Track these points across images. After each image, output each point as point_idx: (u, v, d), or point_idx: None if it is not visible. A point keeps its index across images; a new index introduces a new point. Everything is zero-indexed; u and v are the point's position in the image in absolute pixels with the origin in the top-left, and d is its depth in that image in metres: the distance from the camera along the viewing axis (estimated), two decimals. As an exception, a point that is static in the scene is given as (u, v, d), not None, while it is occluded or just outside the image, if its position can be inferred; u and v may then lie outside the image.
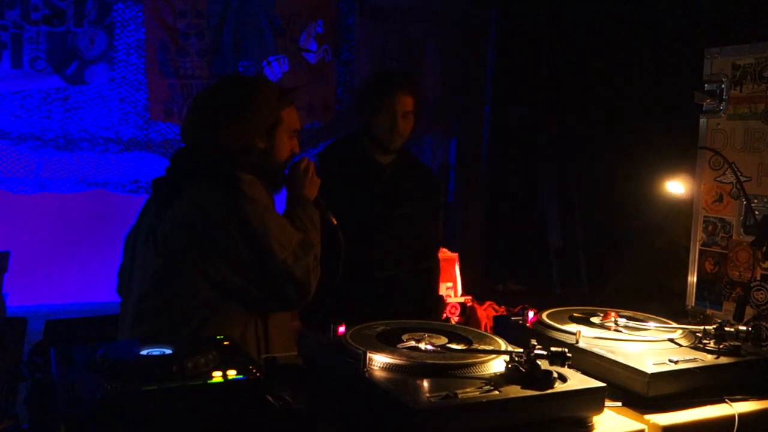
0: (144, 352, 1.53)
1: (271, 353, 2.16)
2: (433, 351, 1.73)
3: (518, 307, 2.24)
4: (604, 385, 1.62)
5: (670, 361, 1.77)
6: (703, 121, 2.56)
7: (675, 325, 2.08)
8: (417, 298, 2.97)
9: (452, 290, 4.71)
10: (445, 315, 4.25)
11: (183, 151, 2.33)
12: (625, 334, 1.97)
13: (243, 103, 2.27)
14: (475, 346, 1.77)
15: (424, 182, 3.23)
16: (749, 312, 2.22)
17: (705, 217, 2.55)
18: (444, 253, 4.45)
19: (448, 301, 4.44)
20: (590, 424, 1.59)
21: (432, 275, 3.15)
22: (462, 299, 4.75)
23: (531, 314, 2.09)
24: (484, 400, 1.47)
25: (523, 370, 1.58)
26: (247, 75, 4.84)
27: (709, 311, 2.48)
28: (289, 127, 2.35)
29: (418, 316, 2.19)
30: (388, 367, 1.61)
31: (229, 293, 2.14)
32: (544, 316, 2.09)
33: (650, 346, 1.91)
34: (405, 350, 1.72)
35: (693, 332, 1.99)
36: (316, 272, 2.21)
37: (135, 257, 2.25)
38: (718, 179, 2.52)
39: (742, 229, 2.43)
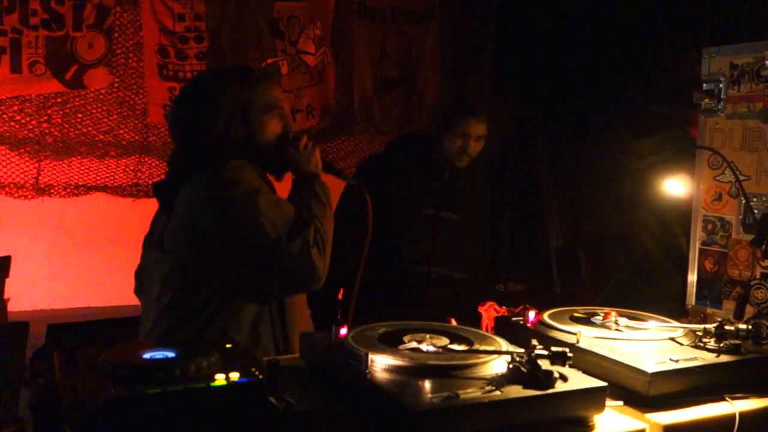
0: (147, 356, 1.54)
1: (290, 341, 2.20)
2: (435, 352, 1.74)
3: (519, 308, 2.25)
4: (605, 384, 1.62)
5: (671, 360, 1.78)
6: (701, 120, 2.57)
7: (675, 324, 2.08)
8: (446, 306, 2.93)
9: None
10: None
11: (174, 153, 2.34)
12: (625, 334, 1.98)
13: (203, 95, 2.26)
14: (477, 346, 1.78)
15: (479, 192, 3.22)
16: (749, 310, 2.23)
17: (704, 216, 2.56)
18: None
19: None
20: (591, 424, 1.60)
21: (466, 288, 3.09)
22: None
23: (532, 314, 2.10)
24: (485, 401, 1.47)
25: (525, 370, 1.58)
26: (211, 69, 4.75)
27: (709, 310, 2.49)
28: (267, 107, 2.26)
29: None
30: (390, 369, 1.62)
31: (235, 286, 2.15)
32: (545, 316, 2.10)
33: (651, 345, 1.91)
34: (406, 351, 1.73)
35: (693, 331, 2.00)
36: (322, 249, 2.16)
37: (149, 259, 2.30)
38: (717, 178, 2.53)
39: (741, 228, 2.43)
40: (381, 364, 1.63)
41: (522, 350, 1.64)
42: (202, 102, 2.25)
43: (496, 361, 1.67)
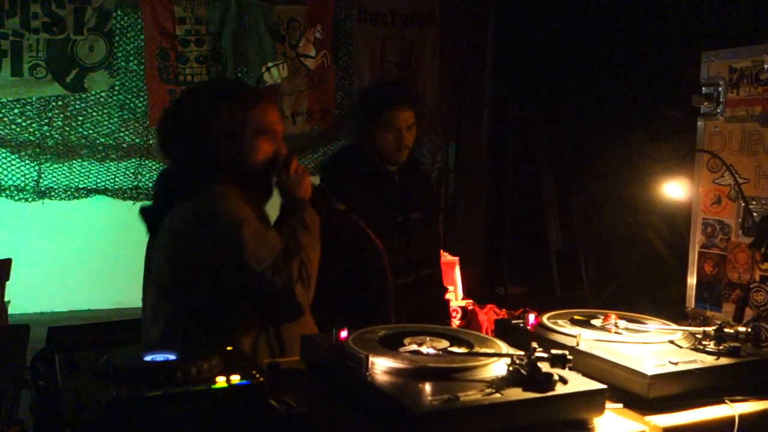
0: (148, 358, 1.54)
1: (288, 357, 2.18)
2: (435, 354, 1.74)
3: (519, 310, 2.25)
4: (605, 387, 1.62)
5: (670, 362, 1.78)
6: (700, 123, 2.57)
7: (675, 326, 2.09)
8: (419, 306, 2.92)
9: (453, 294, 4.72)
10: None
11: (162, 175, 2.30)
12: (625, 336, 1.98)
13: (195, 111, 2.16)
14: (477, 349, 1.78)
15: (427, 186, 3.22)
16: (749, 313, 2.23)
17: (704, 219, 2.56)
18: (444, 257, 4.46)
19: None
20: (591, 426, 1.60)
21: (433, 282, 3.09)
22: (463, 303, 4.76)
23: (532, 317, 2.10)
24: (485, 403, 1.48)
25: (525, 372, 1.58)
26: (208, 81, 4.66)
27: (708, 313, 2.50)
28: (259, 129, 2.17)
29: (421, 322, 2.17)
30: (390, 371, 1.62)
31: (223, 317, 2.11)
32: (544, 318, 2.11)
33: (650, 348, 1.91)
34: (407, 354, 1.73)
35: (693, 334, 2.00)
36: (307, 283, 2.10)
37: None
38: (716, 181, 2.53)
39: (740, 231, 2.44)
40: (381, 366, 1.63)
41: (522, 353, 1.65)
42: (193, 118, 2.15)
43: (496, 364, 1.67)
